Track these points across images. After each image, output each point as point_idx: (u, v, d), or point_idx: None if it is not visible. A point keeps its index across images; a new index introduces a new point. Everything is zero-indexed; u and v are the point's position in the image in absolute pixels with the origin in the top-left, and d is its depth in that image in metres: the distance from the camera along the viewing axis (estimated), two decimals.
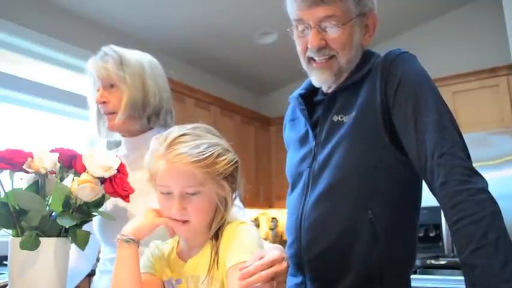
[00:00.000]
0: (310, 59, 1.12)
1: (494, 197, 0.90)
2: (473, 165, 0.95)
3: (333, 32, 1.07)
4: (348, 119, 1.08)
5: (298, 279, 1.09)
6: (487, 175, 0.96)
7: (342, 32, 1.07)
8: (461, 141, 0.97)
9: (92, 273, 1.31)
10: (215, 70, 4.47)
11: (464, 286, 0.87)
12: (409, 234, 1.08)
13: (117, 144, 1.42)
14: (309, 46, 1.09)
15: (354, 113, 1.07)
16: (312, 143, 1.14)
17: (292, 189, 1.18)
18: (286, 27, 1.15)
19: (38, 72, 3.09)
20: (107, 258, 1.26)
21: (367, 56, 1.14)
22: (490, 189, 0.91)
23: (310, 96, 1.21)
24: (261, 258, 0.89)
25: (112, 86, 1.28)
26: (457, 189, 0.90)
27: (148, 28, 3.45)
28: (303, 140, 1.18)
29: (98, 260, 1.33)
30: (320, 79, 1.13)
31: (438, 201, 0.94)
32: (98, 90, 1.30)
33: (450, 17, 4.07)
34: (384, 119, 1.03)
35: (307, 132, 1.17)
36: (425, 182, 0.98)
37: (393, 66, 1.06)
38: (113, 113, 1.28)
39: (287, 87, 4.52)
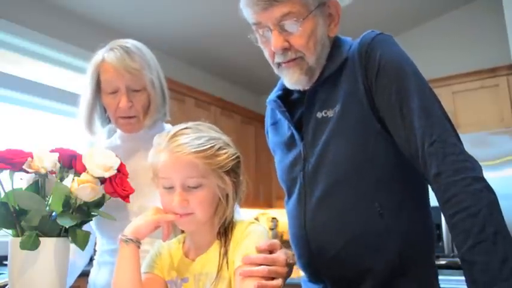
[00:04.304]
0: (280, 64, 1.07)
1: None
2: None
3: (295, 30, 1.01)
4: (332, 113, 1.03)
5: (319, 286, 1.06)
6: (487, 175, 0.95)
7: (303, 28, 1.01)
8: (449, 124, 0.94)
9: (88, 273, 1.31)
10: (215, 70, 4.46)
11: (464, 287, 0.87)
12: (422, 218, 1.03)
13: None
14: (273, 49, 1.03)
15: (338, 106, 1.02)
16: (299, 145, 1.08)
17: (289, 195, 1.13)
18: None
19: (38, 72, 3.10)
20: (104, 249, 1.26)
21: (337, 44, 1.09)
22: None
23: (288, 96, 1.15)
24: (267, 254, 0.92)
25: (137, 90, 1.21)
26: (451, 180, 0.87)
27: (148, 28, 3.45)
28: (289, 143, 1.12)
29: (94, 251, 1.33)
30: (292, 80, 1.07)
31: (433, 191, 0.92)
32: (113, 93, 1.20)
33: (450, 17, 4.07)
34: (371, 107, 0.99)
35: (292, 134, 1.11)
36: (419, 170, 0.95)
37: (370, 51, 1.01)
38: (133, 117, 1.23)
39: None
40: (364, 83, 1.00)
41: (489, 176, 0.91)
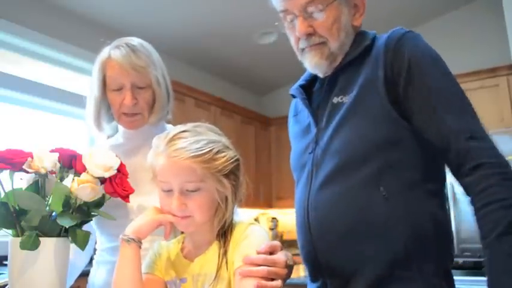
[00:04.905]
0: (303, 50, 1.10)
1: None
2: None
3: (319, 16, 1.05)
4: (348, 99, 1.04)
5: (318, 284, 1.05)
6: None
7: (327, 14, 1.05)
8: (479, 121, 0.98)
9: (88, 273, 1.31)
10: (215, 70, 4.46)
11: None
12: (433, 213, 0.99)
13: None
14: (297, 34, 1.07)
15: (354, 92, 1.03)
16: (314, 130, 1.09)
17: (298, 182, 1.12)
18: None
19: (38, 72, 3.09)
20: (103, 248, 1.26)
21: (362, 34, 1.11)
22: None
23: (311, 87, 1.18)
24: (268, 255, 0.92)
25: (141, 87, 1.22)
26: (488, 172, 0.90)
27: (148, 28, 3.45)
28: (306, 130, 1.13)
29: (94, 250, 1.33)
30: (312, 62, 1.09)
31: (462, 185, 0.93)
32: (118, 90, 1.21)
33: (450, 17, 4.07)
34: (388, 95, 0.99)
35: (310, 121, 1.12)
36: (447, 163, 0.97)
37: (400, 46, 1.02)
38: (137, 114, 1.24)
39: (287, 87, 4.48)
40: (387, 74, 1.00)
41: None
